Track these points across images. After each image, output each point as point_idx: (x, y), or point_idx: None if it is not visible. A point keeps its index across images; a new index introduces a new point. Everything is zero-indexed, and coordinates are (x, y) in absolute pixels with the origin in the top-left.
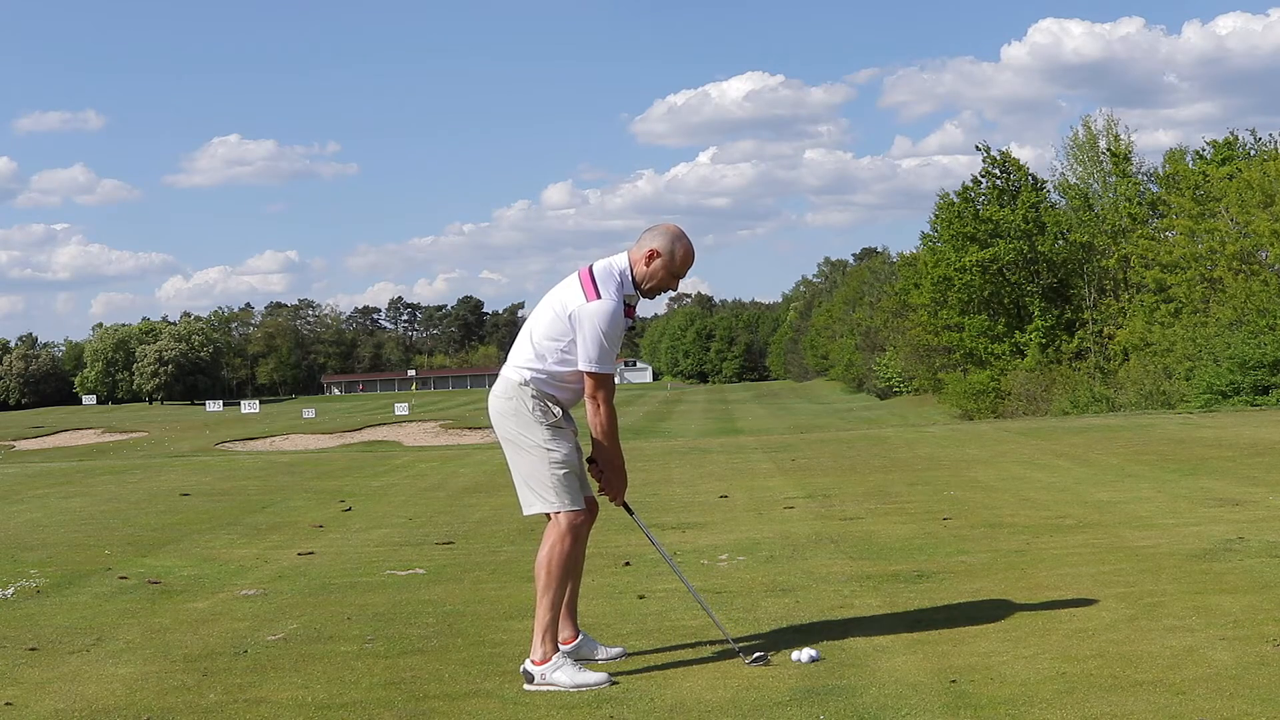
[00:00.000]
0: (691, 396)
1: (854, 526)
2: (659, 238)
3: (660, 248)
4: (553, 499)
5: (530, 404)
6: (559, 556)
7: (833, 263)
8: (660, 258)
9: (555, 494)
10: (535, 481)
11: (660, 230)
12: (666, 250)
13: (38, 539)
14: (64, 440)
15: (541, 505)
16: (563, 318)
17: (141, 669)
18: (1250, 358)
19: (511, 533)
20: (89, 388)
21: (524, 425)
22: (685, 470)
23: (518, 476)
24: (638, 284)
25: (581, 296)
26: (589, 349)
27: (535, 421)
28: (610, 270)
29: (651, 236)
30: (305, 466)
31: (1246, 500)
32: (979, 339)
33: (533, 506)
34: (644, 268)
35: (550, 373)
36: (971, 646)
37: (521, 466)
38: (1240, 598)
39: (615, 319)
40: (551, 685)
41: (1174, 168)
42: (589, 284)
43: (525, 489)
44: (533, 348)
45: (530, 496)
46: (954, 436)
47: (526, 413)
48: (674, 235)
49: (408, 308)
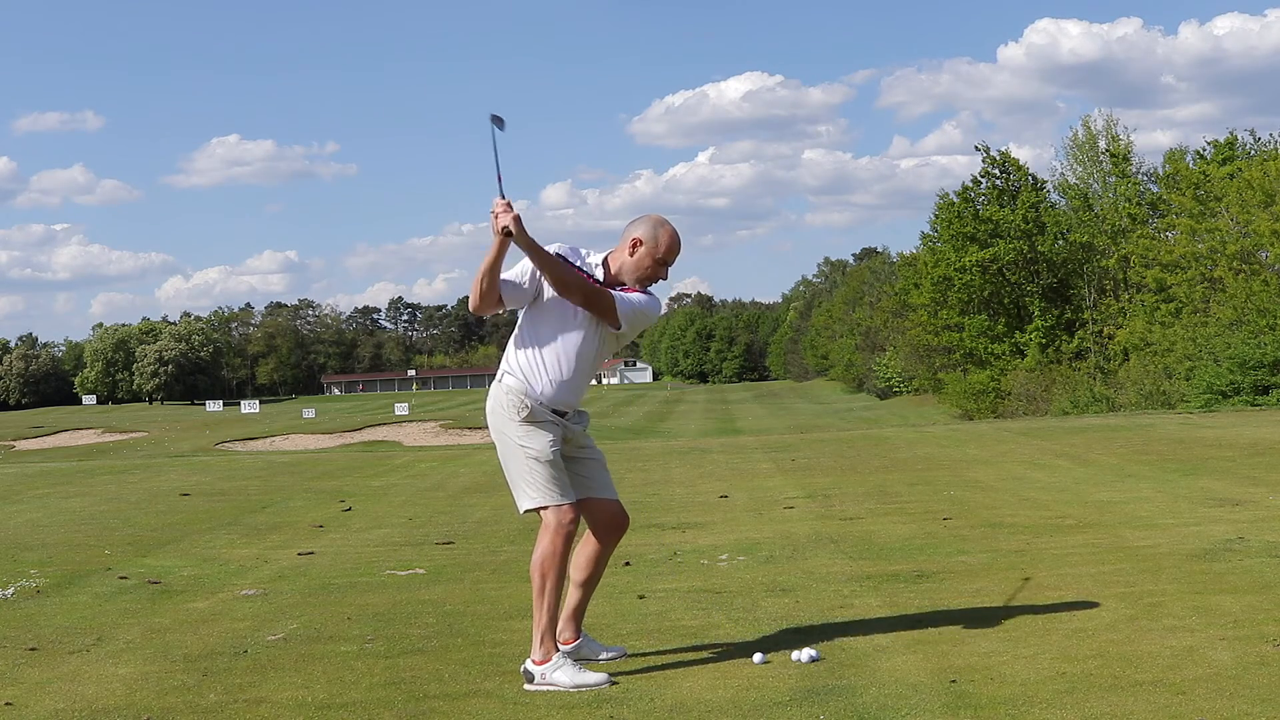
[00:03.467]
0: (691, 396)
1: (854, 526)
2: (640, 226)
3: (643, 235)
4: (533, 494)
5: (505, 400)
6: (550, 557)
7: (833, 263)
8: (644, 245)
9: (534, 488)
10: (515, 475)
11: (642, 219)
12: (649, 237)
13: (38, 539)
14: (64, 440)
15: (525, 500)
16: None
17: (141, 669)
18: (1250, 358)
19: (511, 533)
20: (89, 388)
21: (501, 421)
22: (685, 470)
23: (506, 473)
24: (616, 276)
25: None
26: (550, 274)
27: (509, 418)
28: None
29: (634, 227)
30: (305, 466)
31: (1246, 500)
32: (979, 339)
33: (519, 501)
34: (628, 258)
35: (522, 358)
36: (971, 646)
37: (506, 462)
38: (1240, 598)
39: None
40: (551, 685)
41: (1174, 167)
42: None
43: (512, 484)
44: (510, 343)
45: (516, 491)
46: (954, 436)
47: (502, 409)
48: (656, 222)
49: (408, 308)
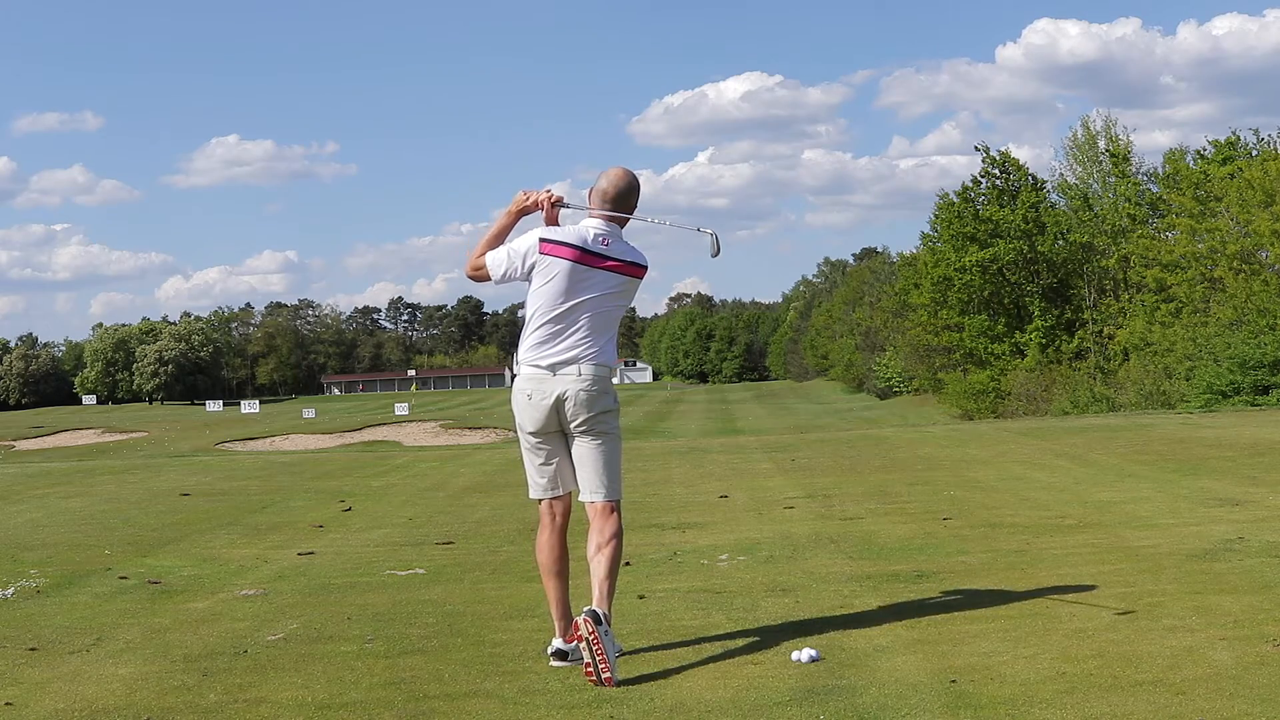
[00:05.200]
0: (691, 396)
1: (854, 526)
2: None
3: (595, 186)
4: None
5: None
6: (536, 546)
7: (833, 263)
8: (595, 190)
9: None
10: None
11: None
12: (597, 183)
13: (38, 539)
14: (64, 440)
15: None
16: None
17: (141, 669)
18: (1250, 357)
19: (511, 533)
20: (89, 388)
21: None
22: (685, 470)
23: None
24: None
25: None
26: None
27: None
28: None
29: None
30: (305, 466)
31: (1246, 500)
32: (979, 339)
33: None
34: (593, 206)
35: (522, 347)
36: (971, 646)
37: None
38: (1240, 598)
39: (525, 241)
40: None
41: (1174, 167)
42: None
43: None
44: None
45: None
46: (954, 436)
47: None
48: (604, 171)
49: (408, 308)
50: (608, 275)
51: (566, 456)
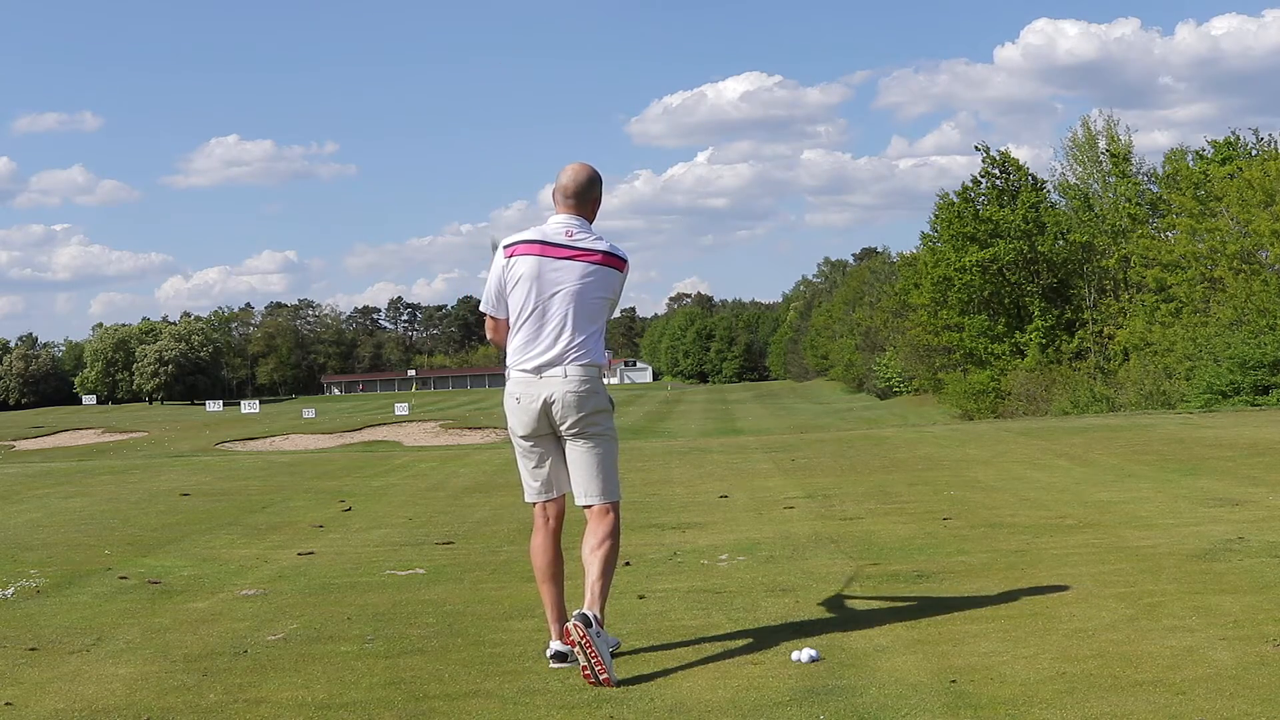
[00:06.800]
0: (691, 396)
1: (854, 526)
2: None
3: (556, 184)
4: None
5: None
6: (531, 549)
7: (833, 263)
8: (556, 189)
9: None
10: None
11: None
12: (558, 180)
13: (38, 539)
14: (64, 440)
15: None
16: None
17: (141, 669)
18: (1250, 357)
19: (511, 533)
20: (89, 388)
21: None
22: (685, 470)
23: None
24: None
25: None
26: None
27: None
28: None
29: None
30: (305, 466)
31: (1246, 500)
32: (979, 339)
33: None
34: (556, 204)
35: (509, 351)
36: (971, 646)
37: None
38: (1240, 598)
39: (493, 264)
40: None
41: (1174, 167)
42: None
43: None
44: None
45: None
46: (954, 436)
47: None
48: (562, 169)
49: (407, 308)
50: (575, 265)
51: (560, 459)
